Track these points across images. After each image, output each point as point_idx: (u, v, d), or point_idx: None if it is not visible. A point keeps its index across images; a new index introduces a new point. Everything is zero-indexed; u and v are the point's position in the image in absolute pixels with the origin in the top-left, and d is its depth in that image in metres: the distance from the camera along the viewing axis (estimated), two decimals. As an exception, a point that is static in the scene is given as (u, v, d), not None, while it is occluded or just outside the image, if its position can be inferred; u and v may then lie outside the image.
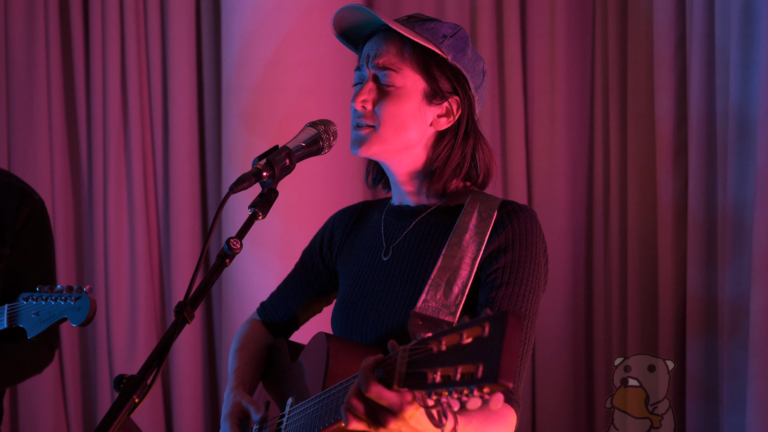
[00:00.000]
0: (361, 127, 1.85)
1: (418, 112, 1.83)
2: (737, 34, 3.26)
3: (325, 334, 1.79)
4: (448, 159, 1.86)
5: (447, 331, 1.25)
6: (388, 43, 1.84)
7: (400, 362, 1.32)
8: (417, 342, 1.30)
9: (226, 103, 3.96)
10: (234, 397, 1.95)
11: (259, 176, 1.67)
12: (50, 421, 3.98)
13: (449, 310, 1.72)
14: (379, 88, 1.84)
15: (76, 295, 2.14)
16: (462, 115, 1.86)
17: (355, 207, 2.09)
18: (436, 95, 1.84)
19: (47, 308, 2.16)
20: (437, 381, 1.23)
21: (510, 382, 1.15)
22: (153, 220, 4.17)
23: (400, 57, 1.82)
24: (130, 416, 1.46)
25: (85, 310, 2.11)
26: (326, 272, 2.07)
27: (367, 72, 1.86)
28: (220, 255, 1.60)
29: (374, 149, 1.85)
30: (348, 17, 1.89)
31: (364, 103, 1.83)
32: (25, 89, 3.99)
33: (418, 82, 1.83)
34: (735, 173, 3.29)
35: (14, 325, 2.21)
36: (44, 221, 2.58)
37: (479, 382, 1.17)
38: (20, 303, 2.21)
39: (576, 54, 4.08)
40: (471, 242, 1.78)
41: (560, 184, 4.05)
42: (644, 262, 3.80)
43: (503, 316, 1.19)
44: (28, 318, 2.18)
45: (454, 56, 1.84)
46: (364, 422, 1.45)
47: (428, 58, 1.83)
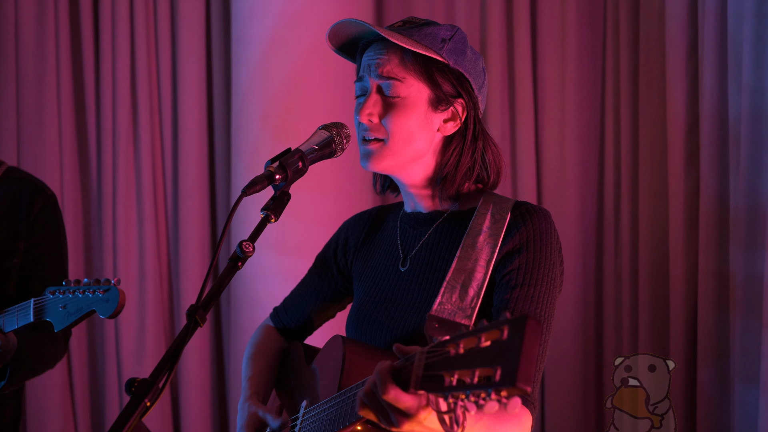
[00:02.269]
0: (369, 141, 1.82)
1: (425, 121, 1.81)
2: (750, 36, 3.25)
3: (341, 337, 1.79)
4: (458, 163, 1.84)
5: (465, 334, 1.24)
6: (388, 53, 1.81)
7: (418, 364, 1.32)
8: (435, 344, 1.30)
9: (236, 105, 3.96)
10: (249, 407, 1.94)
11: (272, 179, 1.67)
12: (58, 423, 3.97)
13: (465, 313, 1.71)
14: (384, 100, 1.81)
15: (105, 288, 2.14)
16: (468, 118, 1.85)
17: (369, 212, 2.07)
18: (441, 101, 1.82)
19: (75, 301, 2.16)
20: (454, 384, 1.23)
21: (528, 386, 1.14)
22: (162, 223, 4.16)
23: (402, 66, 1.80)
24: (141, 420, 1.45)
25: (114, 301, 2.11)
26: (340, 278, 2.06)
27: (369, 83, 1.83)
28: (232, 258, 1.60)
29: (385, 163, 1.83)
30: (344, 30, 1.87)
31: (370, 116, 1.81)
32: (34, 93, 3.98)
33: (422, 91, 1.81)
34: (748, 174, 3.27)
35: (41, 318, 2.21)
36: (56, 215, 2.59)
37: (497, 385, 1.16)
38: (47, 297, 2.21)
39: (586, 55, 4.06)
40: (485, 244, 1.77)
41: (570, 185, 4.03)
42: (655, 262, 3.78)
43: (523, 320, 1.18)
44: (56, 311, 2.18)
45: (456, 60, 1.82)
46: (377, 422, 1.44)
47: (430, 64, 1.81)
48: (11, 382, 2.42)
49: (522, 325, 1.18)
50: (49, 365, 2.54)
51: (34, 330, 2.43)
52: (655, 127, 3.81)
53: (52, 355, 2.53)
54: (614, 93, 3.96)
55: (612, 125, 3.96)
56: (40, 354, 2.47)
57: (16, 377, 2.42)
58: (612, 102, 3.97)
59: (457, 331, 1.26)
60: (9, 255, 2.49)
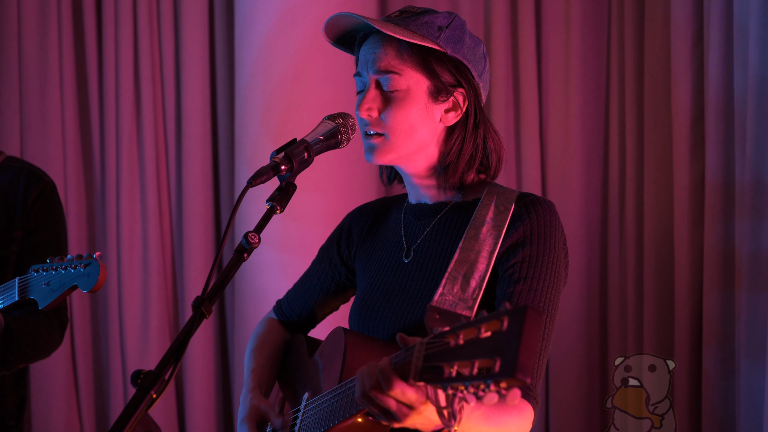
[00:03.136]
0: (371, 136, 1.82)
1: (425, 112, 1.80)
2: (756, 25, 3.22)
3: (343, 328, 1.78)
4: (461, 152, 1.83)
5: (465, 325, 1.24)
6: (385, 46, 1.80)
7: (417, 356, 1.32)
8: (434, 336, 1.29)
9: (239, 97, 3.95)
10: (251, 400, 1.94)
11: (278, 170, 1.66)
12: (63, 414, 3.98)
13: (466, 304, 1.71)
14: (383, 94, 1.80)
15: (86, 262, 2.12)
16: (469, 106, 1.83)
17: (373, 204, 2.07)
18: (440, 91, 1.81)
19: (57, 277, 2.14)
20: (453, 375, 1.22)
21: (528, 377, 1.14)
22: (165, 215, 4.16)
23: (399, 59, 1.79)
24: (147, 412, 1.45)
25: (95, 275, 2.08)
26: (344, 269, 2.05)
27: (368, 78, 1.82)
28: (238, 249, 1.59)
29: (388, 157, 1.83)
30: (339, 23, 1.85)
31: (369, 111, 1.80)
32: (38, 85, 3.98)
33: (421, 82, 1.80)
34: (754, 164, 3.26)
35: (25, 297, 2.20)
36: (55, 202, 2.57)
37: (496, 376, 1.16)
38: (31, 275, 2.20)
39: (591, 46, 4.03)
40: (488, 235, 1.76)
41: (575, 176, 4.01)
42: (660, 253, 3.76)
43: (522, 310, 1.18)
44: (39, 289, 2.17)
45: (453, 48, 1.80)
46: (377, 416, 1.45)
47: (427, 54, 1.79)
48: (3, 364, 2.40)
49: (522, 315, 1.17)
50: (44, 352, 2.52)
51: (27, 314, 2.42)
52: (661, 117, 3.78)
53: (46, 341, 2.50)
54: (619, 83, 3.93)
55: (617, 116, 3.94)
56: (32, 338, 2.45)
57: (7, 360, 2.40)
58: (617, 92, 3.94)
59: (457, 322, 1.26)
60: (6, 243, 2.49)
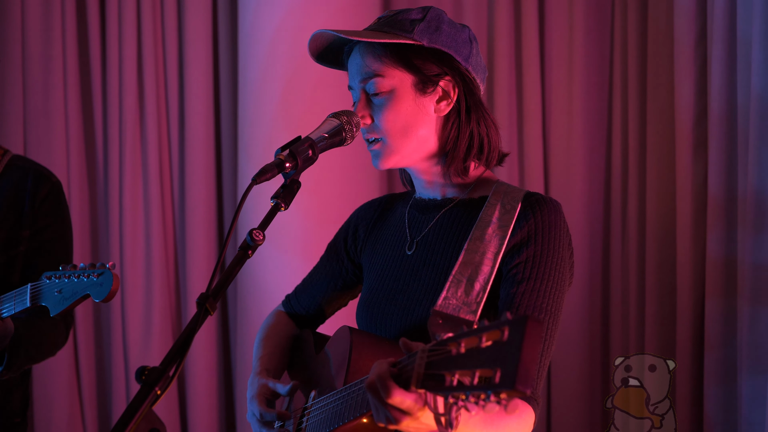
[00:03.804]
0: (372, 143, 1.85)
1: (416, 107, 1.81)
2: (759, 27, 3.21)
3: (349, 328, 1.79)
4: (458, 139, 1.83)
5: (466, 333, 1.24)
6: (364, 54, 1.83)
7: (419, 363, 1.32)
8: (436, 343, 1.29)
9: (242, 92, 3.93)
10: (259, 380, 1.95)
11: (282, 167, 1.66)
12: (65, 411, 3.98)
13: (470, 308, 1.71)
14: (372, 100, 1.83)
15: (99, 271, 2.14)
16: (459, 92, 1.84)
17: (379, 200, 2.08)
18: (425, 83, 1.82)
19: (70, 285, 2.16)
20: (455, 384, 1.22)
21: (528, 389, 1.14)
22: (168, 210, 4.16)
23: (379, 62, 1.81)
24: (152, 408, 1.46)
25: (108, 285, 2.10)
26: (351, 266, 2.07)
27: (357, 88, 1.85)
28: (242, 246, 1.59)
29: (392, 160, 1.85)
30: (321, 42, 1.89)
31: (363, 120, 1.82)
32: (41, 79, 3.96)
33: (405, 79, 1.81)
34: (756, 166, 3.25)
35: (37, 303, 2.22)
36: (62, 202, 2.59)
37: (496, 387, 1.16)
38: (43, 281, 2.22)
39: (594, 46, 4.03)
40: (494, 236, 1.76)
41: (577, 176, 4.02)
42: (663, 254, 3.76)
43: (523, 320, 1.17)
44: (51, 296, 2.19)
45: (430, 39, 1.81)
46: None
47: (405, 50, 1.81)
48: (9, 368, 2.42)
49: (522, 326, 1.17)
50: (49, 353, 2.55)
51: (33, 317, 2.43)
52: (663, 118, 3.78)
53: (52, 342, 2.53)
54: (622, 84, 3.93)
55: (620, 116, 3.94)
56: (39, 341, 2.47)
57: (14, 363, 2.42)
58: (620, 93, 3.94)
59: (459, 329, 1.26)
60: (15, 243, 2.50)
